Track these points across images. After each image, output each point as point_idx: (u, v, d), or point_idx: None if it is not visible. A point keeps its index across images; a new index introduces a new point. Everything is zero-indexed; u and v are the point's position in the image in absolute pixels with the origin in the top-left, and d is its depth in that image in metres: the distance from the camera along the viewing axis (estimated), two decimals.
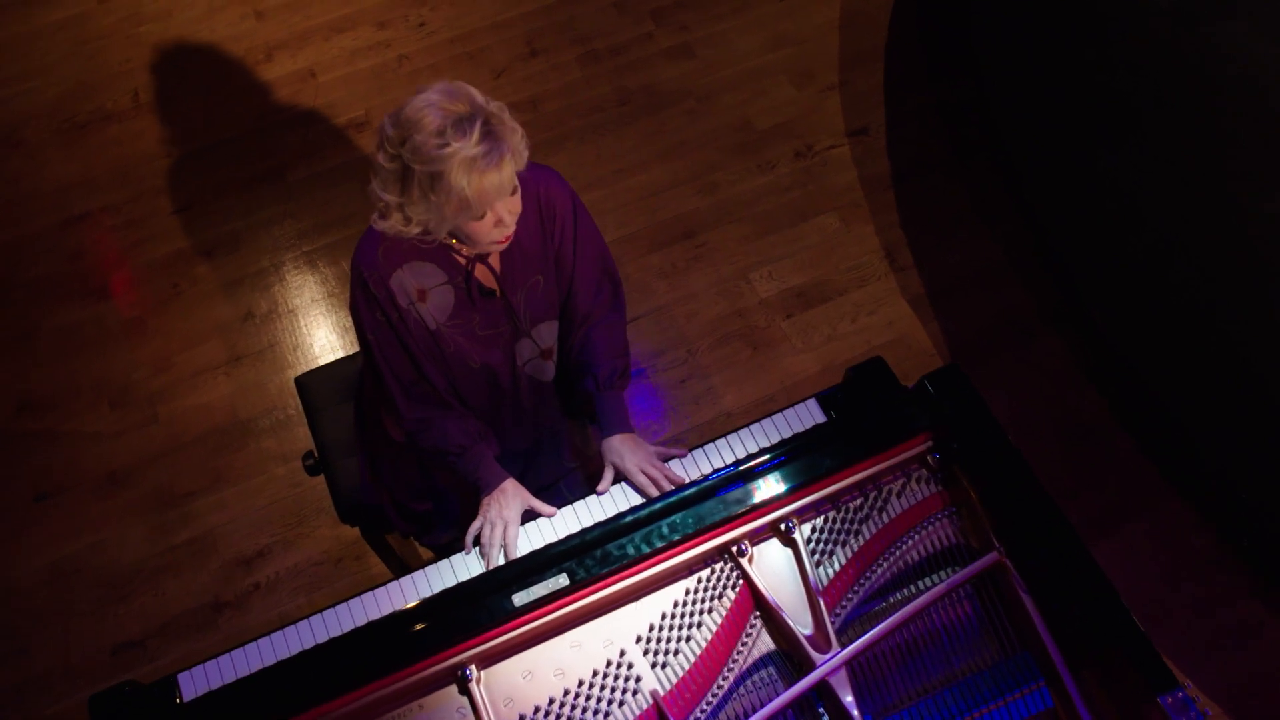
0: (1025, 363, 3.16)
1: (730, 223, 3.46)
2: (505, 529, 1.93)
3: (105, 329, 3.32)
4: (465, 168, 1.65)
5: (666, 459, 2.02)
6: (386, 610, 1.94)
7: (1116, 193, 3.00)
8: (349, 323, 3.29)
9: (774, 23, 3.91)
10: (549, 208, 1.95)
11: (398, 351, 1.92)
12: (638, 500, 2.02)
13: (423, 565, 2.86)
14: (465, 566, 1.99)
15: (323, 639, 1.91)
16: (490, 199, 1.70)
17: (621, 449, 2.00)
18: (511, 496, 1.96)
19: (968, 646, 1.81)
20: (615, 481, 2.03)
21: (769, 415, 2.14)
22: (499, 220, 1.75)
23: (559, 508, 2.02)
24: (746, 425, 2.11)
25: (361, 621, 1.92)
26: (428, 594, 1.95)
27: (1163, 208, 2.86)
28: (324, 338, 3.28)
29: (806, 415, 2.14)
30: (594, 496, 2.05)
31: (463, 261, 1.91)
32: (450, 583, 1.96)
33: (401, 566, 2.70)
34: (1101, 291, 3.08)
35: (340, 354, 3.22)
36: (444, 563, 2.00)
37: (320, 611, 1.95)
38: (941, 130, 3.64)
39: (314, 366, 3.20)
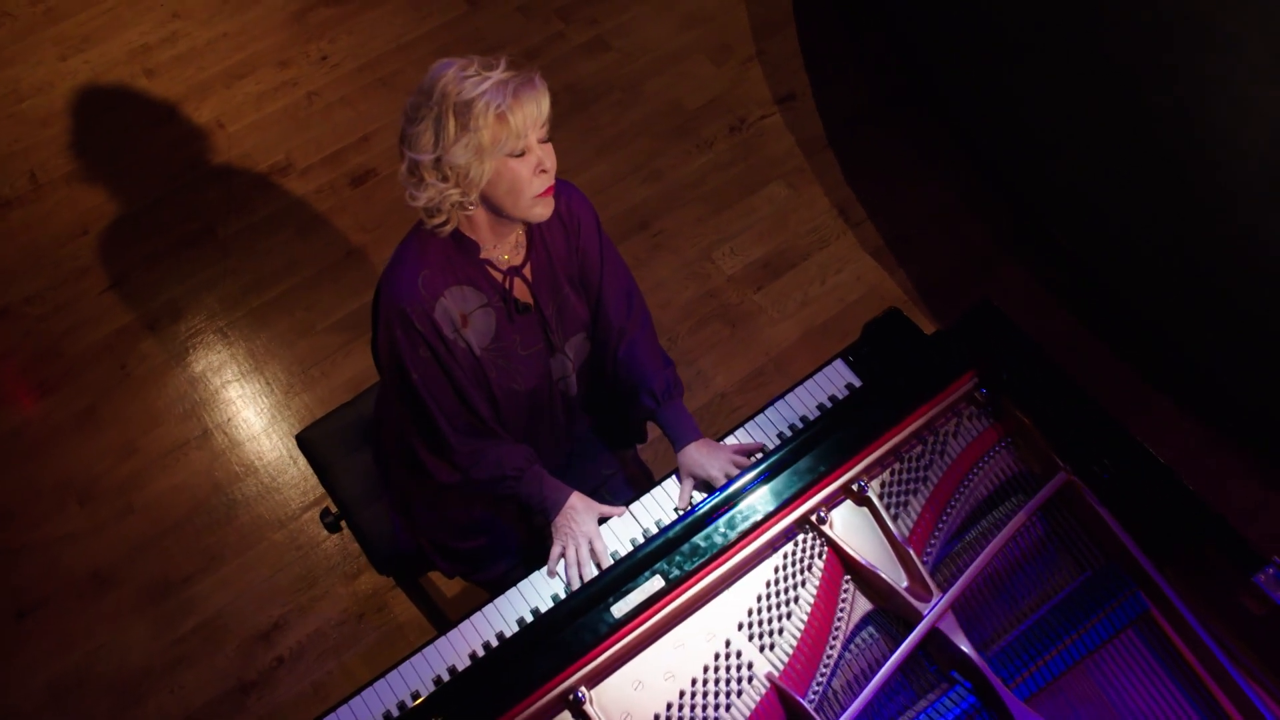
0: (994, 293, 3.19)
1: (681, 206, 3.45)
2: (590, 543, 1.88)
3: (55, 425, 3.10)
4: (499, 88, 1.64)
5: (744, 452, 2.00)
6: (464, 651, 1.87)
7: (1053, 109, 3.09)
8: (319, 373, 3.16)
9: (681, 3, 3.91)
10: (573, 219, 1.93)
11: (444, 386, 1.86)
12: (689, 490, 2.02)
13: (454, 600, 2.79)
14: (536, 593, 1.94)
15: (404, 695, 1.83)
16: (527, 125, 1.67)
17: (701, 459, 1.97)
18: (583, 511, 1.92)
19: (1052, 565, 1.84)
20: (697, 488, 2.01)
21: (800, 383, 2.16)
22: (539, 166, 1.71)
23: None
24: (770, 404, 2.12)
25: (447, 665, 1.85)
26: (503, 628, 1.89)
27: (1099, 116, 2.96)
28: (292, 393, 3.14)
29: (837, 377, 2.16)
30: (649, 495, 2.03)
31: (499, 277, 1.86)
32: (524, 611, 1.91)
33: (432, 608, 2.61)
34: (1057, 208, 3.18)
35: (316, 408, 3.09)
36: (513, 592, 1.94)
37: (397, 666, 1.87)
38: (865, 83, 3.70)
39: (288, 423, 3.07)
